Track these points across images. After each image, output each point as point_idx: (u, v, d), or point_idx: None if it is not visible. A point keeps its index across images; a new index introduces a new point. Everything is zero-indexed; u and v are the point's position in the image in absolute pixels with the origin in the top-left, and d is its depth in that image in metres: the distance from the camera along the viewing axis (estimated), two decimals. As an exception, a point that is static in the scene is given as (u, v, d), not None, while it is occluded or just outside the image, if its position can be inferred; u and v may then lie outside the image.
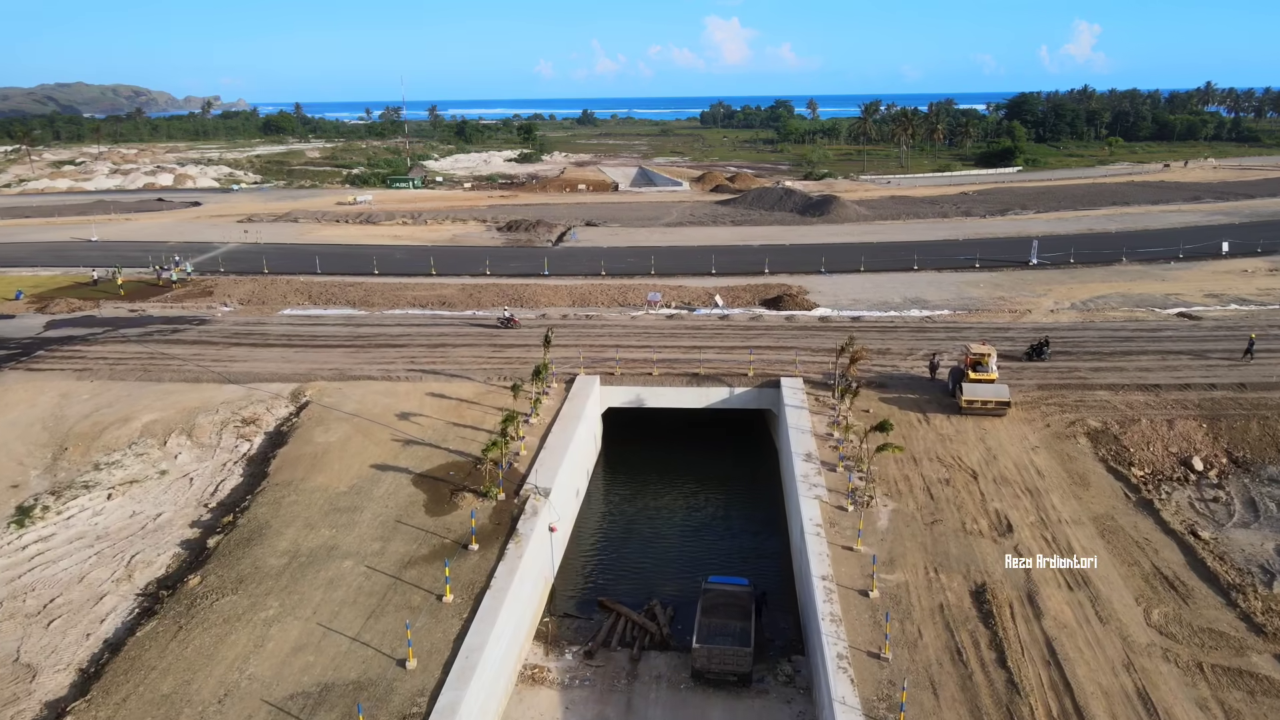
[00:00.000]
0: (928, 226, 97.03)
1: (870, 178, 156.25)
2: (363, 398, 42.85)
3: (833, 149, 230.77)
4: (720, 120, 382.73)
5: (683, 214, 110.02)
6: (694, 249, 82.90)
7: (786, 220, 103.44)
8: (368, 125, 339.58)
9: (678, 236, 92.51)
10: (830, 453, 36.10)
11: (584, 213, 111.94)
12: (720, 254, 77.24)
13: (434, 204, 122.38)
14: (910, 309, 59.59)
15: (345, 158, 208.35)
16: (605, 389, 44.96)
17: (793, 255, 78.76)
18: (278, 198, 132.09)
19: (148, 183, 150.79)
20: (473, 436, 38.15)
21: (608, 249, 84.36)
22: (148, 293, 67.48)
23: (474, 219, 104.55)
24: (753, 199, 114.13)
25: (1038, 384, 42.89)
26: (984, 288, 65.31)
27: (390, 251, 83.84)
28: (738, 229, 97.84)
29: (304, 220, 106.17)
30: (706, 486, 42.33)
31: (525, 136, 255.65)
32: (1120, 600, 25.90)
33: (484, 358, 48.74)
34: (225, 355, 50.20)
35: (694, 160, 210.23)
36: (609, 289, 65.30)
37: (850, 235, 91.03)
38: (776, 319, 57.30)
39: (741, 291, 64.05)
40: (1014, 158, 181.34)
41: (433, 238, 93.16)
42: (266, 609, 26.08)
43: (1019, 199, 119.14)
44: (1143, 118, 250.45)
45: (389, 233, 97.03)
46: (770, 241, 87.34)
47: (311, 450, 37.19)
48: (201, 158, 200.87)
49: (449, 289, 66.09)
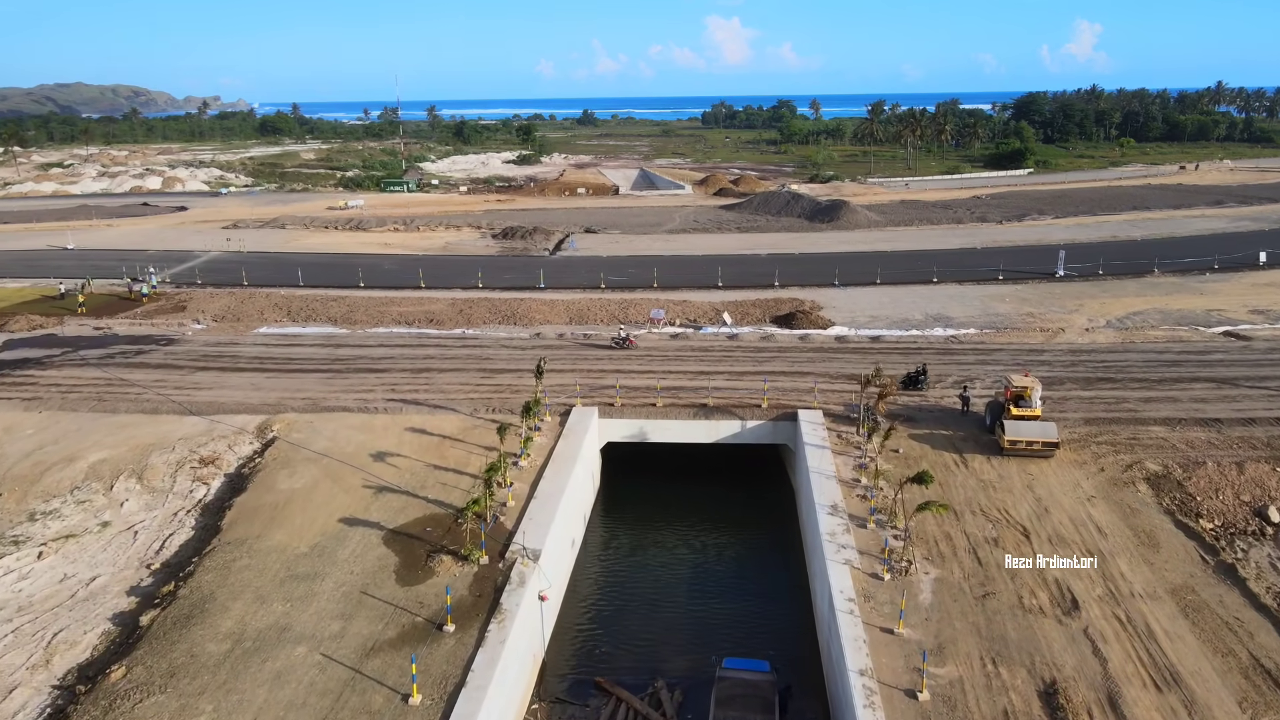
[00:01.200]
0: (943, 233, 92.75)
1: (878, 180, 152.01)
2: (335, 433, 38.64)
3: (837, 150, 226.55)
4: (722, 120, 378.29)
5: (686, 220, 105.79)
6: (699, 258, 78.69)
7: (794, 226, 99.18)
8: (365, 126, 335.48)
9: (681, 244, 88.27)
10: (859, 503, 31.85)
11: (583, 218, 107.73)
12: (727, 264, 73.01)
13: (428, 209, 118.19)
14: (933, 327, 55.30)
15: (340, 160, 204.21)
16: (604, 422, 40.74)
17: (803, 265, 74.51)
18: (267, 202, 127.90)
19: (135, 186, 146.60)
20: (455, 482, 33.95)
21: (608, 258, 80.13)
22: (117, 307, 63.28)
23: (468, 225, 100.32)
24: (758, 204, 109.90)
25: (1084, 417, 38.65)
26: (1010, 302, 61.04)
27: (378, 261, 79.63)
28: (744, 236, 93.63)
29: (292, 226, 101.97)
30: (717, 534, 38.08)
31: (524, 138, 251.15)
32: (1221, 706, 21.64)
33: (472, 385, 44.52)
34: (190, 382, 45.98)
35: (696, 162, 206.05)
36: (609, 304, 61.03)
37: (862, 243, 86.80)
38: (790, 339, 53.02)
39: (751, 307, 59.79)
40: (1024, 160, 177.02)
41: (424, 246, 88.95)
42: (198, 713, 21.85)
43: (1035, 203, 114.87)
44: (1153, 118, 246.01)
45: (379, 240, 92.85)
46: (779, 250, 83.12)
47: (273, 499, 32.95)
48: (194, 160, 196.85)
49: (438, 304, 61.85)
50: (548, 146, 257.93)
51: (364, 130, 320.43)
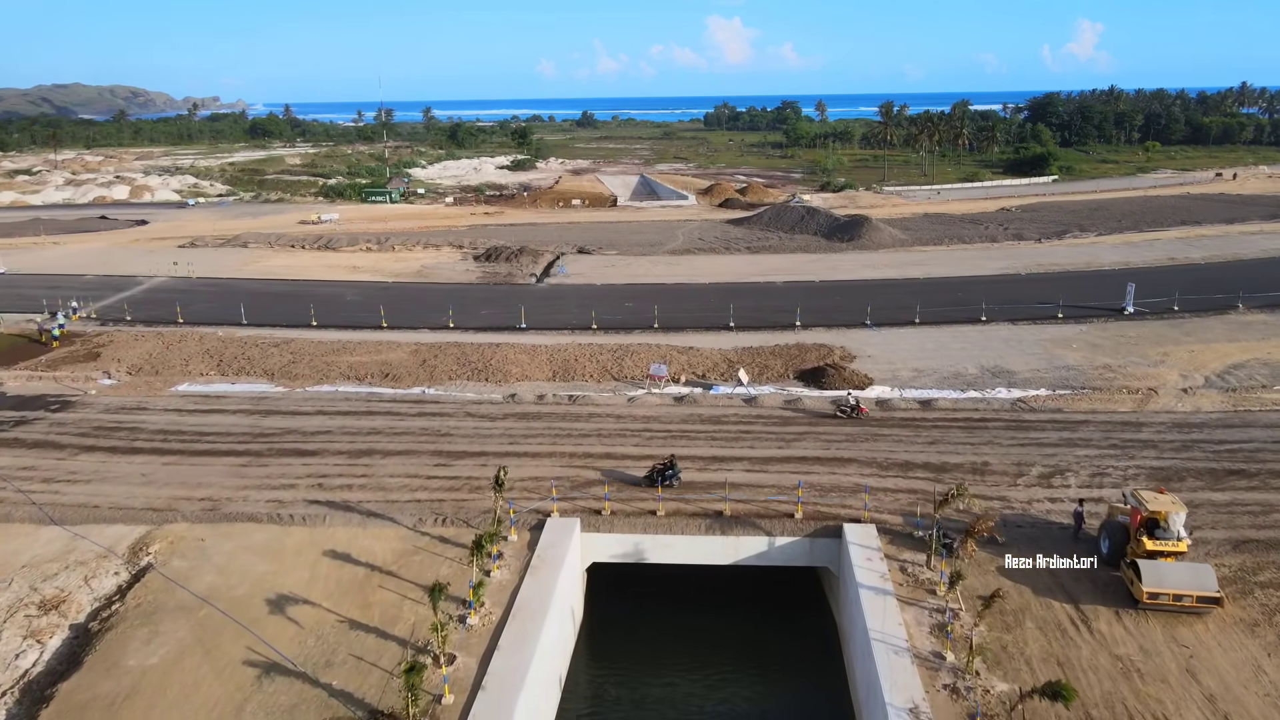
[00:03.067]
0: (978, 254, 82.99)
1: (895, 189, 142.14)
2: (230, 560, 28.99)
3: (846, 153, 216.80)
4: (725, 122, 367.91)
5: (690, 237, 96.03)
6: (706, 288, 69.02)
7: (811, 245, 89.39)
8: (358, 129, 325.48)
9: (685, 269, 78.50)
10: (947, 702, 22.15)
11: (577, 235, 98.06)
12: (738, 296, 63.33)
13: (408, 222, 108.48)
14: (994, 386, 45.50)
15: (326, 165, 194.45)
16: (589, 538, 31.11)
17: (826, 298, 64.80)
18: (236, 214, 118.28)
19: (99, 196, 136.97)
20: (378, 651, 24.33)
21: (601, 288, 70.47)
22: (20, 354, 53.61)
23: (449, 244, 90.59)
24: (769, 218, 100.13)
25: (1229, 538, 28.94)
26: (1079, 349, 51.29)
27: (340, 291, 69.99)
28: (755, 258, 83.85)
29: (255, 245, 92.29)
30: (736, 678, 28.41)
31: (520, 141, 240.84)
32: None
33: (422, 477, 34.85)
34: (67, 470, 36.32)
35: (699, 167, 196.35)
36: (600, 352, 51.32)
37: (890, 267, 77.08)
38: (821, 404, 43.24)
39: (770, 357, 50.06)
40: (1047, 166, 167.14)
41: (396, 270, 79.28)
42: None
43: (1071, 217, 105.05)
44: (1175, 120, 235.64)
45: (347, 262, 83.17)
46: (796, 276, 73.40)
47: (110, 689, 23.27)
48: (171, 166, 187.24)
49: (398, 351, 52.16)
50: (545, 150, 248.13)
51: (356, 133, 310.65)
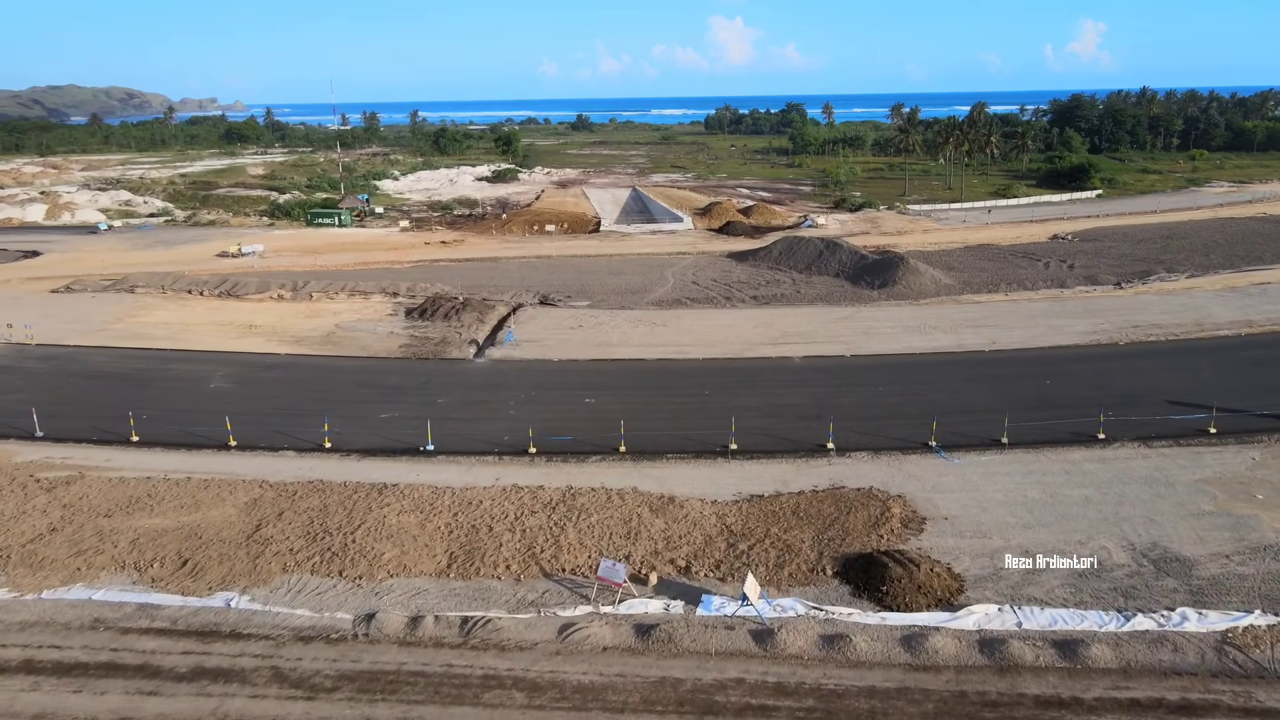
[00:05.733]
0: (1049, 308, 64.76)
1: (922, 207, 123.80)
2: None
3: (857, 160, 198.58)
4: (727, 125, 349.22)
5: (682, 279, 77.98)
6: (698, 369, 51.13)
7: (833, 293, 71.20)
8: (337, 133, 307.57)
9: (673, 332, 60.34)
10: None
11: (545, 274, 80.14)
12: (742, 385, 45.63)
13: (346, 256, 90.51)
14: (1165, 594, 27.36)
15: (289, 176, 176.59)
16: None
17: (865, 386, 46.92)
18: (149, 242, 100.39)
19: (7, 217, 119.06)
20: None
21: (558, 366, 52.59)
22: None
23: (382, 290, 72.61)
24: (780, 253, 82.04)
25: None
26: (1273, 501, 33.21)
27: (208, 371, 52.07)
28: (763, 313, 65.71)
29: (143, 290, 74.31)
30: None
31: (505, 148, 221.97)
32: None
33: None
34: None
35: (698, 178, 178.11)
36: (531, 511, 33.30)
37: (941, 329, 58.94)
38: (883, 643, 25.20)
39: (792, 525, 32.01)
40: (1087, 178, 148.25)
41: (302, 331, 61.39)
42: None
43: (1141, 248, 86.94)
44: (1214, 124, 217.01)
45: (246, 318, 65.22)
46: (819, 346, 55.35)
47: None
48: (115, 178, 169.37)
49: (226, 503, 34.14)
50: (533, 157, 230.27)
51: (336, 137, 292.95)
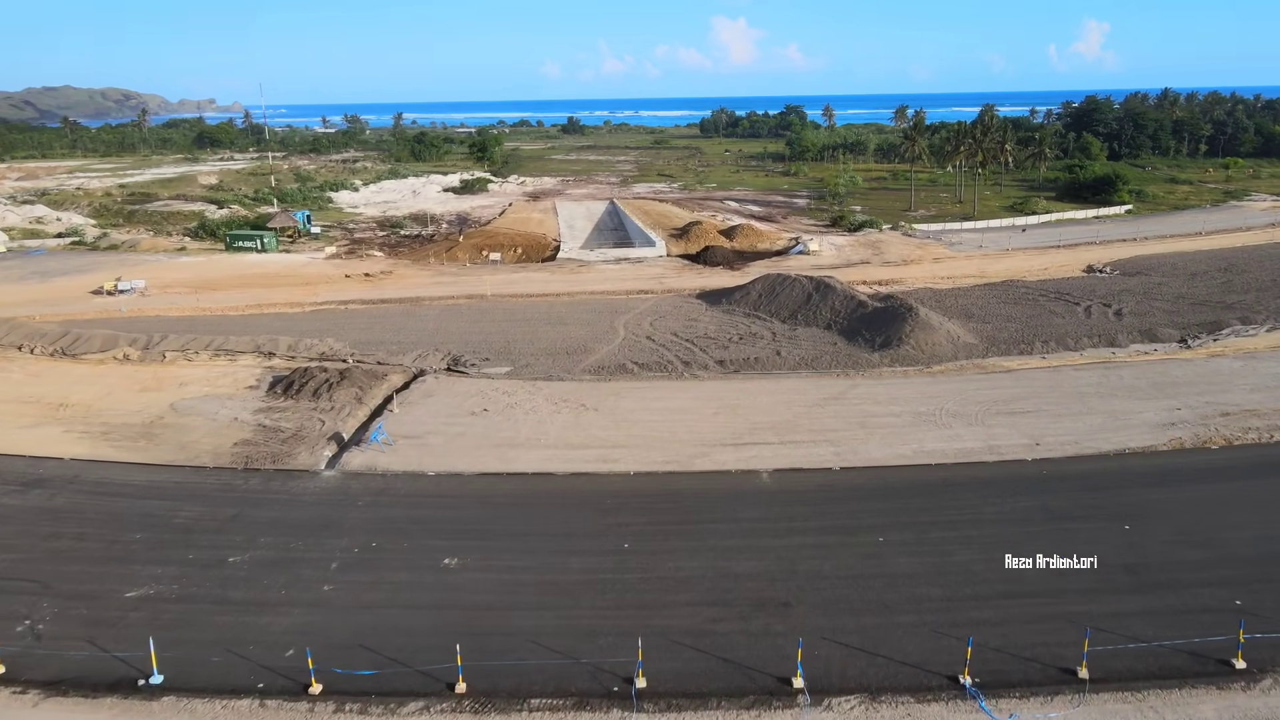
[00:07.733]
0: (1102, 380, 49.81)
1: (931, 228, 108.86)
2: None
3: (858, 168, 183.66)
4: (723, 128, 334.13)
5: (635, 333, 63.11)
6: (619, 496, 36.24)
7: (822, 355, 56.26)
8: (314, 137, 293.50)
9: (601, 426, 45.32)
10: None
11: (467, 322, 65.42)
12: (681, 526, 30.82)
13: (242, 294, 75.87)
14: None
15: (237, 187, 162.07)
16: None
17: (858, 539, 32.08)
18: (26, 272, 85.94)
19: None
20: None
21: (431, 484, 37.80)
22: None
23: (256, 350, 57.89)
24: (759, 295, 67.21)
25: None
26: None
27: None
28: (729, 388, 50.74)
29: (-33, 345, 59.91)
30: None
31: (480, 155, 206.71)
32: None
33: None
34: None
35: (685, 187, 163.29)
36: None
37: (962, 419, 43.91)
38: None
39: None
40: (1113, 190, 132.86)
41: (124, 415, 46.69)
42: None
43: (1196, 285, 72.04)
44: (1243, 128, 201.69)
45: (61, 394, 50.58)
46: (797, 444, 40.42)
47: None
48: (41, 190, 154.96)
49: None
50: (514, 164, 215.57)
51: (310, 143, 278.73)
